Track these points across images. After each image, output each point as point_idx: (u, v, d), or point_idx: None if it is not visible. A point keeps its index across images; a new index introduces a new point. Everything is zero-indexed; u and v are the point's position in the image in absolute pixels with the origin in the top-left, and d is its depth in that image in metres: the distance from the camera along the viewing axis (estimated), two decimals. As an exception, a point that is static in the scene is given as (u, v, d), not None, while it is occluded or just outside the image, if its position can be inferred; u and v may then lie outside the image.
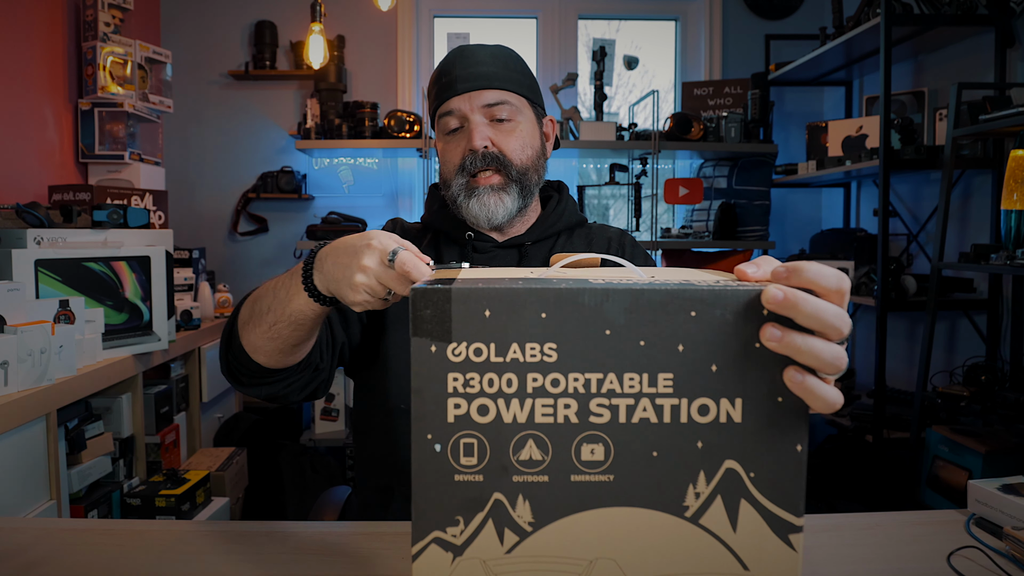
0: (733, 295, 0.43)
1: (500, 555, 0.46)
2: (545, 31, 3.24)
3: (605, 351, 0.44)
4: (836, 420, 2.50)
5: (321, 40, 2.69)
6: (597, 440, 0.46)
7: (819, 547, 0.77)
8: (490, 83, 0.99)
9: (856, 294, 2.41)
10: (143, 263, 1.81)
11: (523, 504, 0.46)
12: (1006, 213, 1.72)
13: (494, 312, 0.44)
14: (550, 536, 0.46)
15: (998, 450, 1.86)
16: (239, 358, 0.85)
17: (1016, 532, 0.73)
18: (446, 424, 0.45)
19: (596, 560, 0.46)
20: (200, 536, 0.81)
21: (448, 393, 0.45)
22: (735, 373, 0.44)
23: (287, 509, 2.42)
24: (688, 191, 2.81)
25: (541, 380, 0.45)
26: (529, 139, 1.03)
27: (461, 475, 0.45)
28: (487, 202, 0.99)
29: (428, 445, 0.45)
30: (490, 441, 0.45)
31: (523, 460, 0.46)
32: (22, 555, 0.75)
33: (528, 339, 0.44)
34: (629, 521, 0.46)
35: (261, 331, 0.79)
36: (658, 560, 0.46)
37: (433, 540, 0.46)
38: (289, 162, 3.11)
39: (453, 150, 1.02)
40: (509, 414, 0.45)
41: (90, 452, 1.61)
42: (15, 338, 1.37)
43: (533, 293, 0.44)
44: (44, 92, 2.31)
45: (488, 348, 0.44)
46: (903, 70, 2.71)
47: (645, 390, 0.45)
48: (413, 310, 0.44)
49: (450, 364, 0.44)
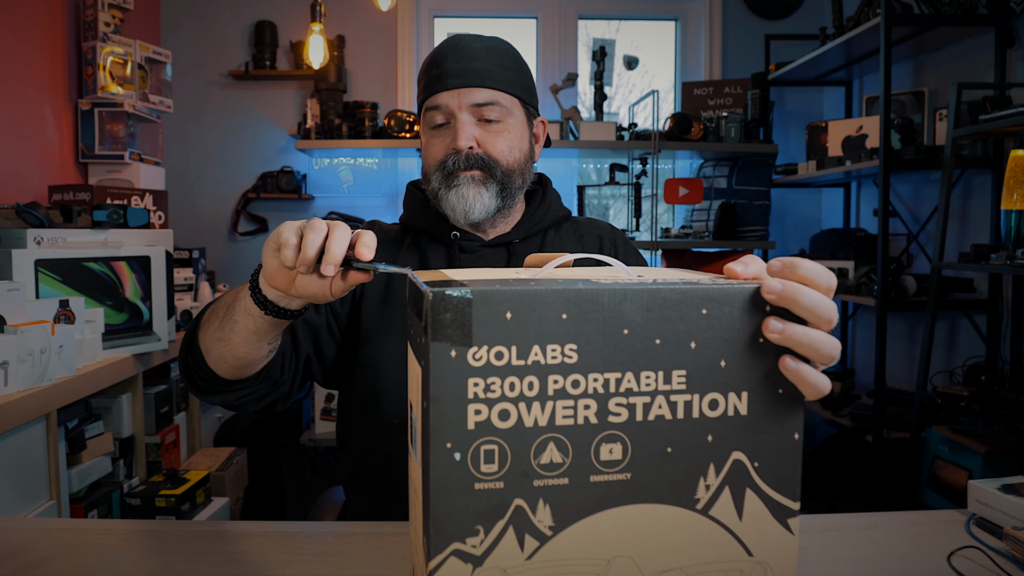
0: (739, 292, 0.46)
1: (520, 562, 0.45)
2: (545, 31, 3.24)
3: (623, 350, 0.45)
4: (836, 420, 2.50)
5: (321, 40, 2.69)
6: (615, 439, 0.46)
7: (819, 547, 0.77)
8: (481, 81, 0.95)
9: (856, 294, 2.42)
10: (143, 263, 1.80)
11: (543, 508, 0.45)
12: (1006, 213, 1.72)
13: (515, 314, 0.43)
14: (570, 539, 0.46)
15: (998, 450, 1.86)
16: (197, 359, 0.83)
17: (1016, 532, 0.73)
18: (466, 431, 0.43)
19: (613, 559, 0.46)
20: (200, 536, 0.81)
21: (468, 399, 0.43)
22: (741, 367, 0.46)
23: (287, 509, 2.42)
24: (688, 191, 2.81)
25: (562, 382, 0.44)
26: (517, 141, 0.99)
27: (482, 483, 0.44)
28: (465, 194, 0.95)
29: (447, 455, 0.43)
30: (511, 446, 0.44)
31: (544, 464, 0.45)
32: (22, 555, 0.75)
33: (549, 340, 0.44)
34: (644, 517, 0.47)
35: (212, 330, 0.77)
36: (671, 553, 0.47)
37: (452, 553, 0.44)
38: (289, 162, 3.11)
39: (437, 146, 0.98)
40: (531, 418, 0.44)
41: (90, 452, 1.61)
42: (15, 338, 1.37)
43: (554, 294, 0.43)
44: (44, 92, 2.31)
45: (509, 351, 0.43)
46: (903, 70, 2.71)
47: (660, 387, 0.46)
48: (432, 314, 0.42)
49: (471, 369, 0.43)
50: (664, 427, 0.46)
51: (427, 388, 0.43)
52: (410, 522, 0.55)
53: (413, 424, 0.50)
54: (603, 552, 0.46)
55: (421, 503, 0.46)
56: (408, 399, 0.54)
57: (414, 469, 0.50)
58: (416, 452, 0.48)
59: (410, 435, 0.52)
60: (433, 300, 0.42)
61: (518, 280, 0.47)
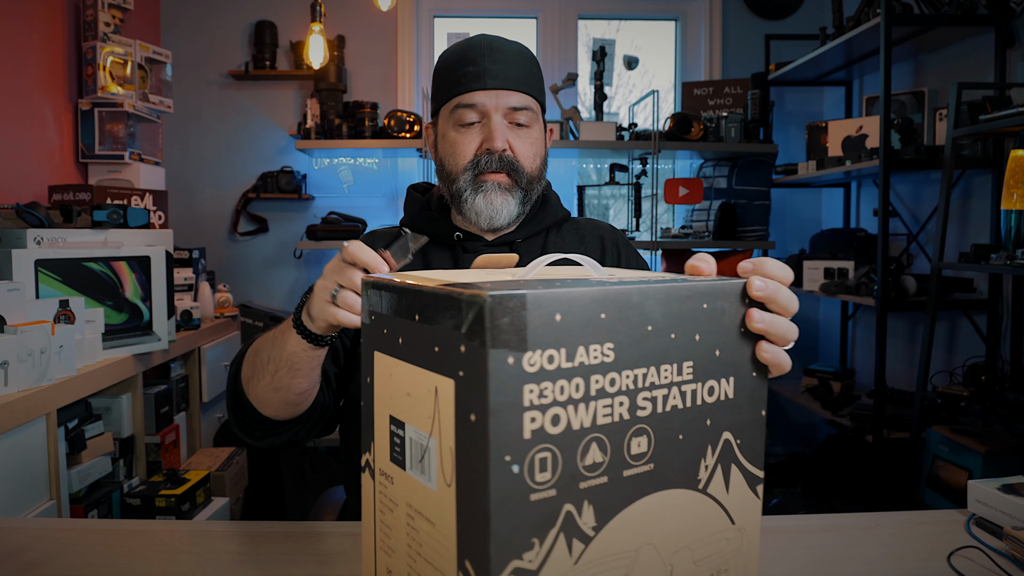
0: (732, 287, 0.50)
1: (569, 568, 0.44)
2: (545, 31, 3.24)
3: (649, 346, 0.46)
4: (836, 420, 2.50)
5: (321, 40, 2.69)
6: (643, 433, 0.47)
7: (819, 547, 0.77)
8: (519, 86, 0.96)
9: (856, 294, 2.42)
10: (143, 263, 1.81)
11: (588, 509, 0.45)
12: (1006, 213, 1.72)
13: (564, 316, 0.42)
14: (608, 536, 0.46)
15: (998, 450, 1.86)
16: (248, 413, 0.86)
17: (1016, 532, 0.73)
18: (522, 441, 0.42)
19: (640, 549, 0.47)
20: (200, 536, 0.81)
21: (524, 407, 0.42)
22: (730, 355, 0.51)
23: (287, 509, 2.42)
24: (688, 191, 2.81)
25: (602, 381, 0.44)
26: (539, 148, 1.01)
27: (536, 493, 0.42)
28: (493, 200, 0.96)
29: (506, 468, 0.41)
30: (562, 452, 0.43)
31: (588, 465, 0.44)
32: (22, 555, 0.75)
33: (592, 341, 0.44)
34: (662, 504, 0.48)
35: (265, 383, 0.80)
36: (681, 534, 0.50)
37: (512, 572, 0.42)
38: (289, 162, 3.11)
39: (466, 144, 0.98)
40: (577, 420, 0.44)
41: (90, 452, 1.61)
42: (15, 338, 1.37)
43: (596, 295, 0.44)
44: (44, 92, 2.31)
45: (559, 354, 0.43)
46: (903, 70, 2.71)
47: (675, 379, 0.48)
48: (492, 319, 0.40)
49: (526, 375, 0.41)
50: (677, 416, 0.48)
51: (482, 399, 0.41)
52: (392, 553, 0.51)
53: (415, 443, 0.47)
54: (632, 544, 0.47)
55: (444, 530, 0.44)
56: (387, 415, 0.50)
57: (415, 493, 0.47)
58: (438, 474, 0.45)
59: (408, 458, 0.48)
60: (492, 304, 0.40)
61: (539, 281, 0.46)
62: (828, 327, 3.24)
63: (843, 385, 2.70)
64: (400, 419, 0.49)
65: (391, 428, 0.50)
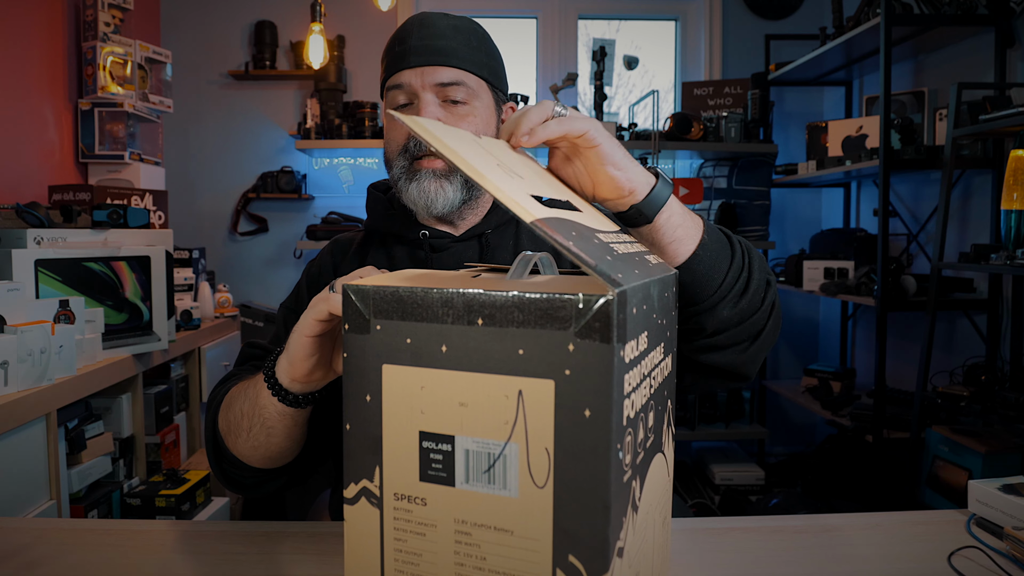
0: (674, 277, 0.57)
1: (631, 539, 0.46)
2: (545, 31, 3.24)
3: (654, 330, 0.51)
4: (836, 420, 2.50)
5: (321, 40, 2.69)
6: (651, 408, 0.51)
7: (819, 547, 0.77)
8: (447, 60, 0.88)
9: (856, 294, 2.42)
10: (143, 263, 1.81)
11: (638, 484, 0.48)
12: (1006, 213, 1.72)
13: (639, 308, 0.45)
14: (644, 505, 0.50)
15: (998, 450, 1.86)
16: (233, 464, 0.80)
17: (1016, 532, 0.73)
18: (622, 428, 0.43)
19: (651, 510, 0.52)
20: (200, 536, 0.81)
21: (624, 396, 0.43)
22: (673, 332, 0.58)
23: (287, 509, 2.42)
24: (688, 191, 2.81)
25: (643, 365, 0.48)
26: (484, 126, 0.91)
27: (626, 475, 0.44)
28: (427, 188, 0.88)
29: (618, 456, 0.43)
30: (634, 433, 0.46)
31: (639, 442, 0.48)
32: (22, 555, 0.75)
33: (642, 330, 0.47)
34: (655, 468, 0.53)
35: (242, 440, 0.75)
36: (660, 491, 0.55)
37: (616, 553, 0.43)
38: (289, 162, 3.11)
39: (398, 128, 0.92)
40: (639, 402, 0.47)
41: (90, 452, 1.61)
42: (15, 338, 1.37)
43: (644, 287, 0.47)
44: (44, 92, 2.31)
45: (637, 343, 0.45)
46: (903, 70, 2.71)
47: (659, 358, 0.53)
48: (617, 315, 0.41)
49: (625, 366, 0.43)
50: (661, 388, 0.54)
51: (604, 393, 0.41)
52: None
53: (476, 455, 0.45)
54: (647, 507, 0.51)
55: (531, 534, 0.43)
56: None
57: (477, 507, 0.45)
58: (519, 480, 0.44)
59: (463, 472, 0.45)
60: (619, 300, 0.41)
61: (612, 263, 0.49)
62: (828, 327, 3.24)
63: (843, 385, 2.70)
64: (444, 433, 0.46)
65: (423, 445, 0.46)
